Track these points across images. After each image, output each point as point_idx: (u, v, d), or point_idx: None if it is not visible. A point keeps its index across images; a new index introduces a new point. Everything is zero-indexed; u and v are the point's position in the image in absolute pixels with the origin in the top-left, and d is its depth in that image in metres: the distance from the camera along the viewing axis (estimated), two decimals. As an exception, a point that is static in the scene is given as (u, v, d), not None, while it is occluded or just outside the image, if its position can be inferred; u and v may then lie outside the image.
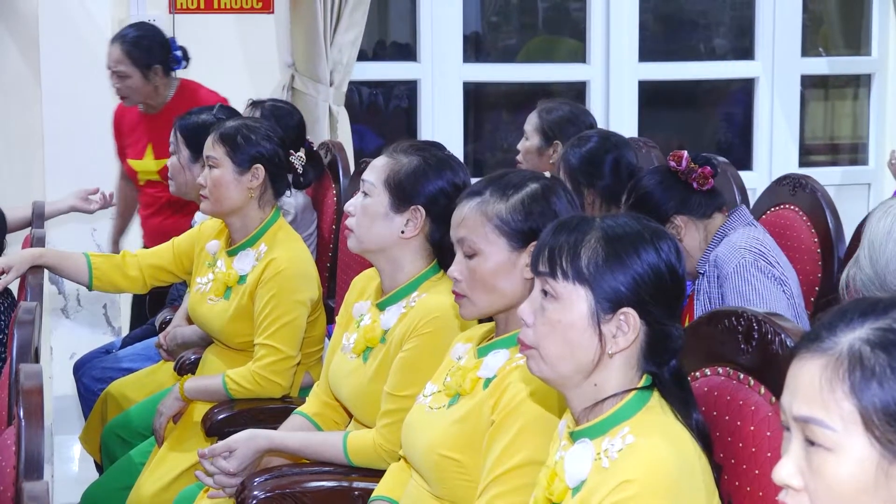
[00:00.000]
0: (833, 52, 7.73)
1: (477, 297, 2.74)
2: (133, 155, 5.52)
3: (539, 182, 2.78)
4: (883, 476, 1.57)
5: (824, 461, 1.60)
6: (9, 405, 2.99)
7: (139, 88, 5.42)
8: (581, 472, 2.24)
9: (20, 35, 6.21)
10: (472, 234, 2.73)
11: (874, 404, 1.57)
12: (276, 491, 3.18)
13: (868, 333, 1.61)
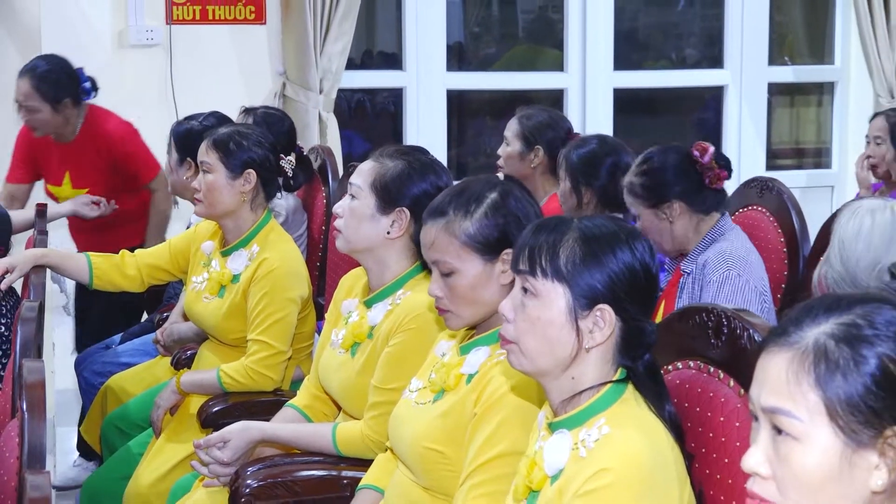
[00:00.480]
0: (798, 61, 7.75)
1: (460, 310, 2.74)
2: (52, 182, 5.41)
3: (496, 189, 2.77)
4: (847, 464, 1.58)
5: (791, 450, 1.61)
6: (12, 399, 2.98)
7: (49, 121, 5.26)
8: (559, 462, 2.24)
9: (23, 44, 6.19)
10: (445, 255, 2.72)
11: (838, 396, 1.58)
12: (269, 480, 3.18)
13: (832, 328, 1.62)
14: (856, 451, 1.59)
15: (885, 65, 7.10)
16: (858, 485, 1.59)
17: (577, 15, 7.11)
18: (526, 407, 2.57)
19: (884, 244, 3.03)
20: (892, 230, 3.04)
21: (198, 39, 6.40)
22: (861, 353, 1.60)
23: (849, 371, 1.59)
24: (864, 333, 1.61)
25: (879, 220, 3.06)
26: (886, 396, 1.58)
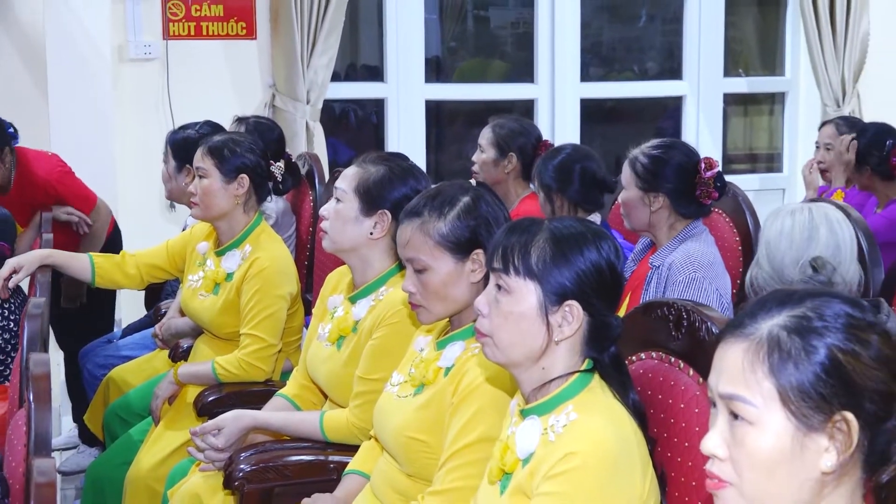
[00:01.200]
0: (751, 72, 7.77)
1: (432, 305, 2.75)
2: None
3: (468, 194, 2.78)
4: (798, 447, 1.59)
5: (747, 434, 1.61)
6: (20, 390, 2.97)
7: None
8: (530, 446, 2.25)
9: (29, 59, 6.18)
10: (419, 253, 2.73)
11: (790, 383, 1.59)
12: (261, 464, 3.18)
13: (785, 320, 1.63)
14: (807, 434, 1.59)
15: (832, 76, 7.13)
16: (809, 466, 1.60)
17: (546, 31, 7.12)
18: (499, 396, 2.57)
19: (804, 241, 3.06)
20: (811, 227, 3.07)
21: (193, 54, 6.39)
22: (811, 343, 1.61)
23: (800, 360, 1.60)
24: (814, 325, 1.62)
25: (799, 219, 3.09)
26: (835, 384, 1.59)
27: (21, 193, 5.11)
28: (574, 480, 2.12)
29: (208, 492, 3.27)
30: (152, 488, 3.70)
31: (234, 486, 3.15)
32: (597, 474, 2.12)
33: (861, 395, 1.59)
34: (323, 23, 6.34)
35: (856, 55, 7.15)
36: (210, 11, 6.38)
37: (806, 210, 3.14)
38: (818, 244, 3.05)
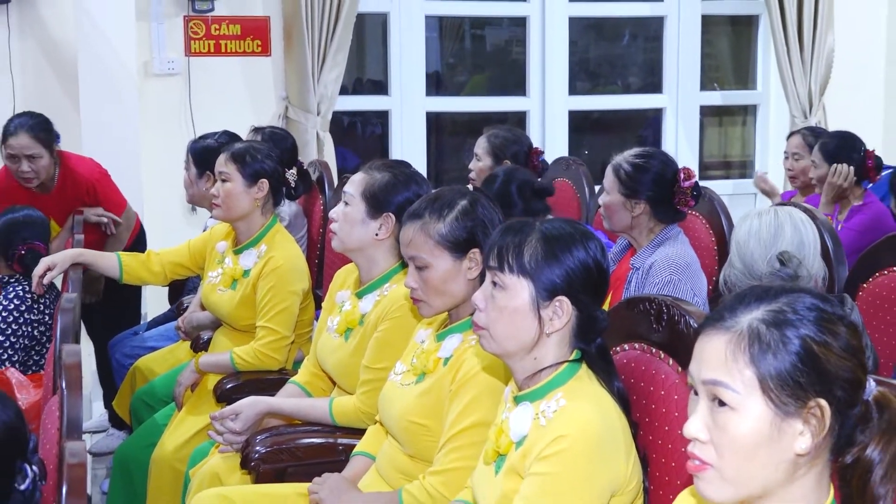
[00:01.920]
0: (725, 86, 7.76)
1: (432, 300, 2.76)
2: None
3: (466, 197, 2.79)
4: (776, 431, 1.60)
5: (729, 419, 1.62)
6: (54, 378, 2.96)
7: (48, 167, 4.98)
8: (523, 429, 2.25)
9: (62, 74, 6.17)
10: (421, 251, 2.74)
11: (769, 372, 1.60)
12: (275, 446, 3.18)
13: (763, 314, 1.64)
14: (784, 419, 1.60)
15: (800, 90, 7.12)
16: (785, 449, 1.60)
17: (538, 48, 7.11)
18: (494, 384, 2.57)
19: (771, 237, 3.06)
20: (776, 226, 3.08)
21: (212, 69, 6.39)
22: (787, 335, 1.61)
23: (778, 351, 1.60)
24: (789, 318, 1.63)
25: (765, 219, 3.10)
26: (810, 372, 1.59)
27: (62, 192, 5.12)
28: (563, 461, 2.12)
29: (227, 471, 3.27)
30: (175, 468, 3.69)
31: (251, 467, 3.15)
32: (583, 456, 2.13)
33: (833, 382, 1.60)
34: (332, 41, 6.34)
35: (821, 70, 7.14)
36: (228, 30, 6.39)
37: (772, 212, 3.15)
38: (784, 240, 3.05)
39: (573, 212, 5.17)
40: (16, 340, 4.28)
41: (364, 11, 6.60)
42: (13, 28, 6.10)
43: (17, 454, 2.19)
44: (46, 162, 4.97)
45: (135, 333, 5.09)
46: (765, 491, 1.63)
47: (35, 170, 4.94)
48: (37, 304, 4.37)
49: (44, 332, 4.39)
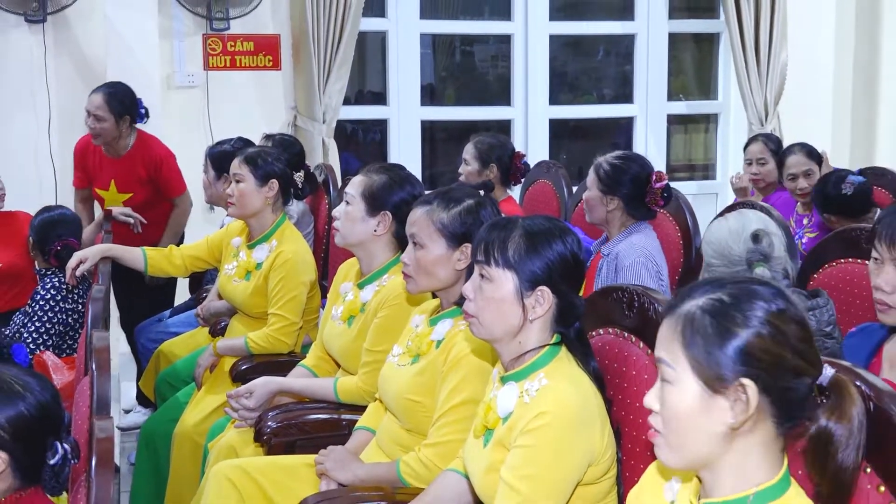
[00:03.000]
0: (690, 97, 7.76)
1: (419, 278, 2.77)
2: (100, 186, 5.24)
3: (474, 199, 2.79)
4: (705, 406, 1.61)
5: (668, 392, 1.65)
6: (85, 361, 2.95)
7: (110, 131, 5.08)
8: (509, 406, 2.25)
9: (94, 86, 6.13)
10: (421, 232, 2.75)
11: (698, 354, 1.61)
12: (285, 421, 3.18)
13: (703, 302, 1.65)
14: (712, 396, 1.61)
15: (756, 100, 7.12)
16: (715, 422, 1.61)
17: (521, 63, 7.11)
18: (482, 365, 2.57)
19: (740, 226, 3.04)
20: (742, 219, 3.06)
21: (228, 82, 6.39)
22: (719, 322, 1.62)
23: (707, 336, 1.62)
24: (724, 307, 1.63)
25: (730, 217, 3.13)
26: (735, 357, 1.60)
27: (130, 160, 5.20)
28: (544, 435, 2.13)
29: (242, 444, 3.26)
30: (195, 441, 3.69)
31: (264, 440, 3.15)
32: (562, 430, 2.13)
33: (759, 366, 1.59)
34: (336, 56, 6.33)
35: (776, 82, 7.14)
36: (242, 47, 6.39)
37: (734, 212, 3.13)
38: (752, 225, 3.04)
39: (553, 209, 5.18)
40: (51, 327, 4.28)
41: (365, 30, 6.60)
42: (49, 45, 6.09)
43: (50, 432, 2.18)
44: (109, 126, 5.07)
45: (159, 320, 5.08)
46: (707, 459, 1.64)
47: (97, 129, 5.09)
48: (70, 294, 4.36)
49: (77, 319, 4.39)
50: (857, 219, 4.27)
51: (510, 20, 7.11)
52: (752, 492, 1.62)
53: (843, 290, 3.28)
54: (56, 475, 2.17)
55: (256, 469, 2.94)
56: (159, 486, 3.85)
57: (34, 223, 4.54)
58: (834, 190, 4.39)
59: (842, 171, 4.61)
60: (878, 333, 2.53)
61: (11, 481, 2.15)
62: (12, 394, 2.15)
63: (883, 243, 2.41)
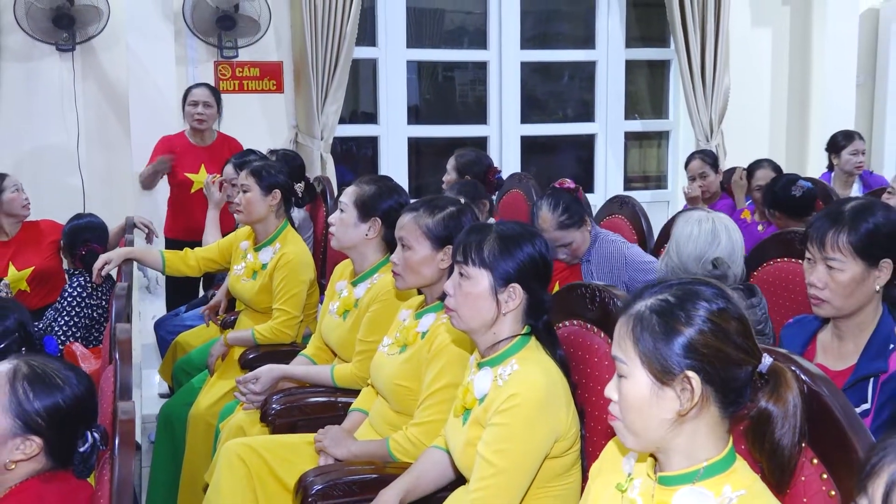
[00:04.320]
0: (644, 116, 7.77)
1: (406, 276, 2.78)
2: (189, 170, 5.38)
3: (456, 206, 2.80)
4: (655, 396, 1.61)
5: (623, 384, 1.65)
6: (110, 351, 2.94)
7: (214, 116, 5.44)
8: (484, 388, 2.26)
9: (117, 108, 6.15)
10: (409, 235, 2.75)
11: (647, 349, 1.61)
12: (287, 404, 3.17)
13: (652, 302, 1.64)
14: (661, 387, 1.61)
15: (702, 119, 7.14)
16: (665, 409, 1.61)
17: (496, 86, 7.12)
18: (462, 353, 2.57)
19: (707, 244, 3.04)
20: (713, 234, 3.05)
21: (237, 103, 6.35)
22: (665, 320, 1.61)
23: (654, 333, 1.61)
24: (671, 307, 1.63)
25: (704, 227, 3.07)
26: (680, 352, 1.59)
27: (216, 149, 5.45)
28: (515, 414, 2.13)
29: (249, 424, 3.25)
30: (208, 422, 3.67)
31: (268, 421, 3.14)
32: (531, 409, 2.13)
33: (702, 359, 1.58)
34: (332, 81, 6.31)
35: (720, 103, 7.16)
36: (249, 73, 6.37)
37: (710, 221, 3.10)
38: (719, 247, 3.03)
39: (523, 215, 5.18)
40: (79, 320, 4.26)
41: (357, 57, 6.58)
42: (77, 72, 6.07)
43: (82, 422, 2.17)
44: (214, 112, 5.46)
45: (175, 315, 5.07)
46: (661, 441, 1.64)
47: (207, 115, 5.40)
48: (96, 291, 4.34)
49: (101, 314, 4.36)
50: (799, 219, 4.26)
51: (486, 49, 7.11)
52: (702, 466, 1.62)
53: (779, 285, 3.29)
54: (84, 461, 2.16)
55: (262, 446, 2.93)
56: (176, 461, 3.84)
57: (66, 229, 4.53)
58: (783, 191, 4.38)
59: (793, 175, 4.61)
60: (812, 324, 2.54)
61: (45, 463, 2.13)
62: (52, 385, 2.13)
63: (814, 245, 2.42)
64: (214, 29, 6.19)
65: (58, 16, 5.87)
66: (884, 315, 2.39)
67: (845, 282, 2.36)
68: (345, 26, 6.27)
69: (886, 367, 2.27)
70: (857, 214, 2.38)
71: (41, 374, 2.14)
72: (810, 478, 1.64)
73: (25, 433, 2.09)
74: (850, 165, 5.66)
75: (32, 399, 2.10)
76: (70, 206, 5.64)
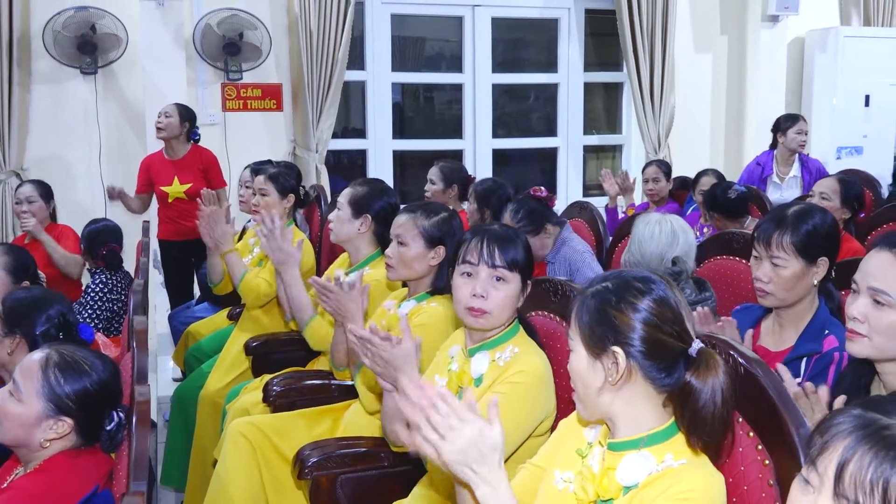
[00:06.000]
0: (601, 131, 7.79)
1: (399, 269, 2.78)
2: (164, 184, 5.28)
3: (448, 212, 2.83)
4: (591, 367, 1.64)
5: (571, 357, 1.67)
6: (128, 340, 2.91)
7: (173, 127, 5.19)
8: (481, 369, 2.24)
9: (135, 126, 6.12)
10: (406, 233, 2.76)
11: (584, 327, 1.64)
12: (287, 386, 3.16)
13: (595, 288, 1.67)
14: (595, 360, 1.63)
15: (652, 134, 7.17)
16: (598, 379, 1.63)
17: (470, 105, 7.11)
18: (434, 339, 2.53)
19: (668, 244, 3.05)
20: (672, 235, 3.06)
21: (241, 120, 6.34)
22: (597, 303, 1.63)
23: (590, 312, 1.63)
24: (604, 292, 1.64)
25: (664, 228, 3.09)
26: (607, 330, 1.61)
27: (190, 160, 5.29)
28: (517, 388, 2.12)
29: (253, 405, 3.23)
30: (216, 403, 3.65)
31: (270, 401, 3.13)
32: (531, 387, 2.14)
33: (626, 337, 1.60)
34: (326, 100, 6.30)
35: (667, 120, 7.19)
36: (252, 93, 6.35)
37: (668, 222, 3.10)
38: (677, 247, 3.05)
39: (496, 219, 5.19)
40: (101, 313, 4.23)
41: (349, 80, 6.57)
42: (99, 92, 6.03)
43: (109, 404, 2.17)
44: (174, 122, 5.20)
45: (187, 307, 5.04)
46: (602, 409, 1.65)
47: (164, 124, 5.19)
48: (116, 286, 4.30)
49: (121, 307, 4.33)
50: (734, 219, 4.35)
51: (461, 72, 7.11)
52: (645, 434, 1.62)
53: (720, 280, 3.30)
54: (111, 438, 2.17)
55: (265, 424, 2.91)
56: (188, 438, 3.81)
57: (84, 233, 4.48)
58: (721, 194, 4.43)
59: (730, 182, 4.68)
60: (757, 311, 2.57)
61: (75, 440, 2.14)
62: (81, 372, 2.13)
63: (761, 244, 2.46)
64: (221, 55, 6.15)
65: (82, 43, 5.83)
66: (820, 306, 2.44)
67: (788, 277, 2.40)
68: (337, 52, 6.25)
69: (820, 349, 2.32)
70: (799, 218, 2.44)
71: (71, 361, 2.14)
72: (747, 449, 1.64)
73: (57, 415, 2.10)
74: (794, 143, 5.70)
75: (63, 384, 2.11)
76: (92, 213, 5.60)
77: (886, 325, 1.82)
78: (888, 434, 1.07)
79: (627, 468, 1.60)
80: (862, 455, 1.07)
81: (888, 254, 1.84)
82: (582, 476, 1.67)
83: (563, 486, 1.71)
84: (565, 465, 1.74)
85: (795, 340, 2.39)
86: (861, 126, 7.62)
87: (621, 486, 1.60)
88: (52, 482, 2.03)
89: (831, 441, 1.12)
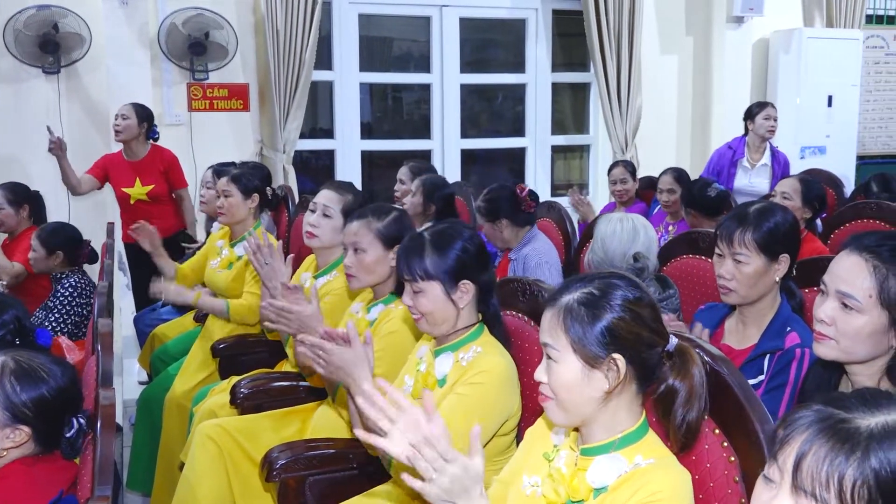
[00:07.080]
0: (569, 132, 7.83)
1: (361, 276, 2.75)
2: (125, 185, 5.25)
3: (396, 212, 2.80)
4: (585, 378, 1.61)
5: (555, 368, 1.63)
6: (93, 343, 2.88)
7: (131, 129, 5.15)
8: (445, 370, 2.23)
9: (99, 126, 6.06)
10: (361, 239, 2.73)
11: (577, 337, 1.60)
12: (254, 388, 3.14)
13: (578, 295, 1.63)
14: (591, 370, 1.61)
15: (619, 134, 7.21)
16: (594, 388, 1.61)
17: (438, 105, 7.11)
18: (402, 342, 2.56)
19: (629, 240, 3.08)
20: (633, 232, 3.09)
21: (208, 121, 6.30)
22: (591, 311, 1.61)
23: (582, 321, 1.61)
24: (595, 297, 1.63)
25: (626, 226, 3.12)
26: (607, 339, 1.60)
27: (151, 160, 5.25)
28: (477, 389, 2.12)
29: (220, 408, 3.21)
30: (183, 406, 3.62)
31: (237, 403, 3.10)
32: (493, 387, 2.13)
33: (625, 344, 1.60)
34: (293, 100, 6.27)
35: (633, 120, 7.24)
36: (218, 93, 6.31)
37: (629, 220, 3.14)
38: (639, 243, 3.07)
39: (465, 218, 5.19)
40: (69, 318, 4.18)
41: (316, 80, 6.54)
42: (62, 92, 5.96)
43: (68, 411, 2.14)
44: (132, 123, 5.16)
45: (152, 310, 4.99)
46: (589, 417, 1.64)
47: (122, 126, 5.15)
48: (85, 290, 4.25)
49: (89, 311, 4.28)
50: (711, 218, 4.31)
51: (430, 73, 7.11)
52: (618, 437, 1.63)
53: (686, 278, 3.33)
54: (71, 444, 2.14)
55: (232, 426, 2.89)
56: (154, 442, 3.77)
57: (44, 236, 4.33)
58: (699, 192, 4.44)
59: (709, 179, 4.67)
60: (721, 310, 2.59)
61: (34, 448, 2.11)
62: (38, 379, 2.10)
63: (723, 242, 2.49)
64: (187, 54, 6.10)
65: (44, 41, 5.76)
66: (782, 303, 2.46)
67: (750, 273, 2.42)
68: (304, 52, 6.22)
69: (782, 346, 2.34)
70: (761, 215, 2.47)
71: (27, 368, 2.11)
72: (713, 445, 1.66)
73: (14, 423, 2.07)
74: (763, 129, 5.74)
75: (20, 392, 2.07)
76: (55, 215, 5.54)
77: (854, 329, 1.80)
78: (844, 427, 1.08)
79: (598, 470, 1.62)
80: (818, 448, 1.08)
81: (857, 257, 1.81)
82: (552, 478, 1.68)
83: (530, 491, 1.72)
84: (532, 470, 1.75)
85: (758, 338, 2.42)
86: (824, 126, 7.73)
87: (591, 488, 1.61)
88: (6, 490, 2.00)
89: (791, 435, 1.13)
